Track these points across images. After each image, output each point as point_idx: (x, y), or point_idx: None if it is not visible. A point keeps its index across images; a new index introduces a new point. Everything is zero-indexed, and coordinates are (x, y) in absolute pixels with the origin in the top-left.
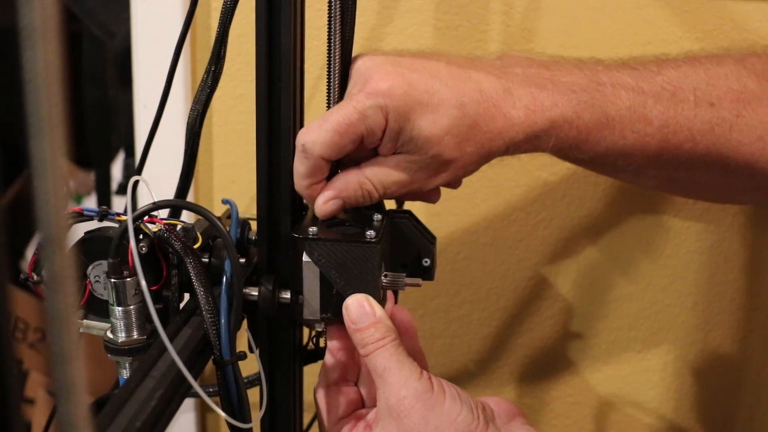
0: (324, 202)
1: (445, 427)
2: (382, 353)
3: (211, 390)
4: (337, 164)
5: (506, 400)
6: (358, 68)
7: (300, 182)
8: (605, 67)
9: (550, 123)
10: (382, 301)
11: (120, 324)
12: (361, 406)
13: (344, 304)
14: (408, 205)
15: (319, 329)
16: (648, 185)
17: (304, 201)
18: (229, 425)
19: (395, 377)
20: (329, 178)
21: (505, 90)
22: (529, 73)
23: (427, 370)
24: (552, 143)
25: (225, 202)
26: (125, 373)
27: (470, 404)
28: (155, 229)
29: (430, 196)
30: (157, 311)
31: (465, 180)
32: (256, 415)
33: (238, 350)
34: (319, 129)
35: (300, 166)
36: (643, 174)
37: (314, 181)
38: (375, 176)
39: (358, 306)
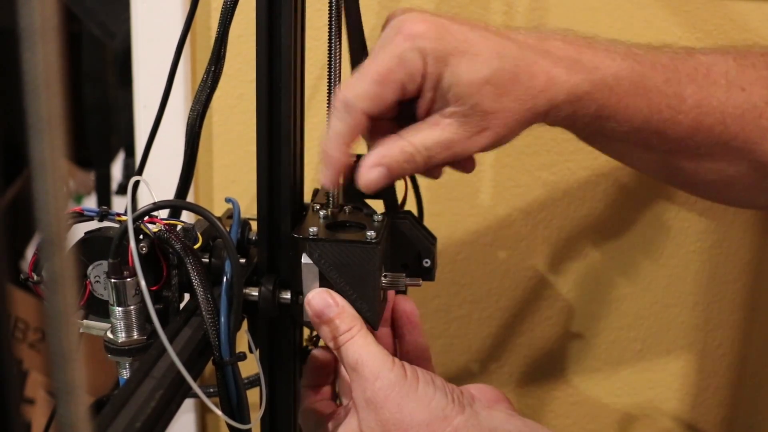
0: (367, 170)
1: (419, 413)
2: (352, 345)
3: (211, 390)
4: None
5: (491, 386)
6: (391, 18)
7: (338, 141)
8: (639, 46)
9: (591, 84)
10: (382, 302)
11: (120, 324)
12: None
13: (306, 299)
14: (407, 205)
15: None
16: (674, 181)
17: (328, 169)
18: (229, 426)
19: (368, 369)
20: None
21: (546, 51)
22: (568, 40)
23: (430, 362)
24: (593, 109)
25: (228, 200)
26: (125, 374)
27: (444, 389)
28: (155, 230)
29: (467, 164)
30: (157, 311)
31: (465, 180)
32: (256, 415)
33: (237, 351)
34: (360, 81)
35: (340, 125)
36: (671, 164)
37: (350, 140)
38: (415, 137)
39: (319, 300)
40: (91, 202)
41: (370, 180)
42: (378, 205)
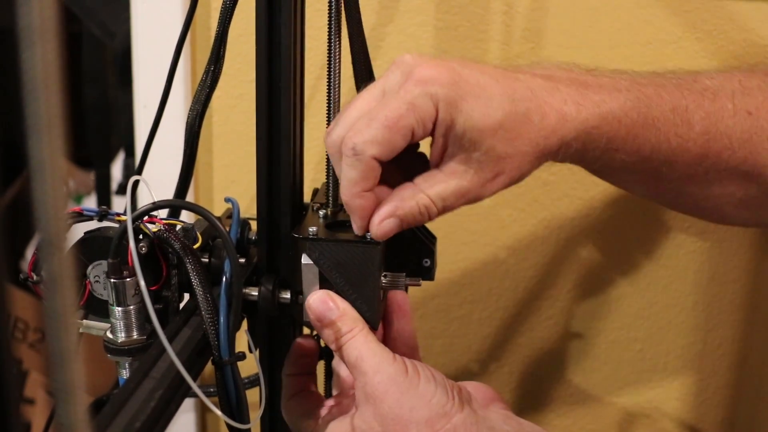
0: (380, 222)
1: (419, 409)
2: (353, 344)
3: (211, 390)
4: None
5: (486, 385)
6: (401, 61)
7: (351, 190)
8: (642, 74)
9: (600, 119)
10: (382, 302)
11: (120, 324)
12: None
13: (306, 303)
14: None
15: None
16: (683, 206)
17: (353, 217)
18: (228, 425)
19: (368, 364)
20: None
21: (554, 88)
22: (573, 75)
23: (417, 350)
24: (603, 143)
25: (227, 200)
26: (125, 374)
27: (445, 386)
28: (155, 229)
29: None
30: (157, 311)
31: None
32: (255, 415)
33: (237, 350)
34: (368, 128)
35: (351, 172)
36: (681, 191)
37: (366, 188)
38: (431, 189)
39: (320, 303)
40: (91, 202)
41: (383, 231)
42: None
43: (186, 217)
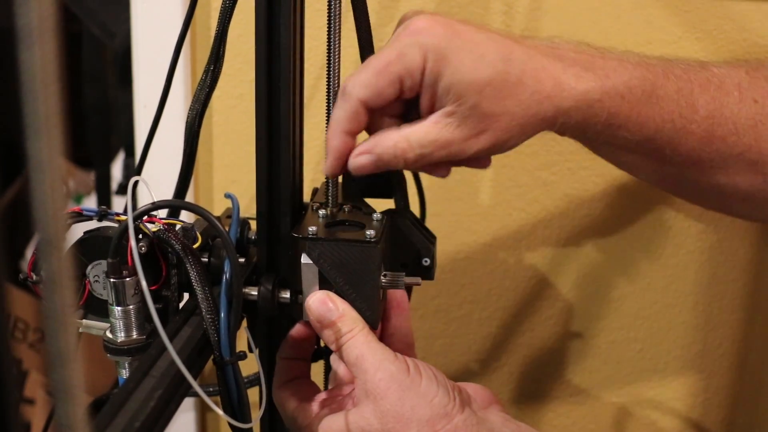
0: (357, 155)
1: (420, 408)
2: (353, 343)
3: (211, 390)
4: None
5: (484, 387)
6: (403, 18)
7: (335, 127)
8: (652, 57)
9: (601, 93)
10: (382, 301)
11: (119, 324)
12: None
13: (306, 304)
14: (410, 205)
15: None
16: (689, 194)
17: (329, 156)
18: (230, 425)
19: (369, 362)
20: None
21: (556, 56)
22: (580, 49)
23: (413, 347)
24: (604, 117)
25: (227, 196)
26: (124, 373)
27: (447, 386)
28: (155, 229)
29: (479, 161)
30: (157, 311)
31: (465, 180)
32: (256, 414)
33: (237, 350)
34: (360, 72)
35: (338, 110)
36: (685, 177)
37: (349, 129)
38: (412, 134)
39: (320, 304)
40: (91, 202)
41: (357, 164)
42: (377, 204)
43: (186, 216)
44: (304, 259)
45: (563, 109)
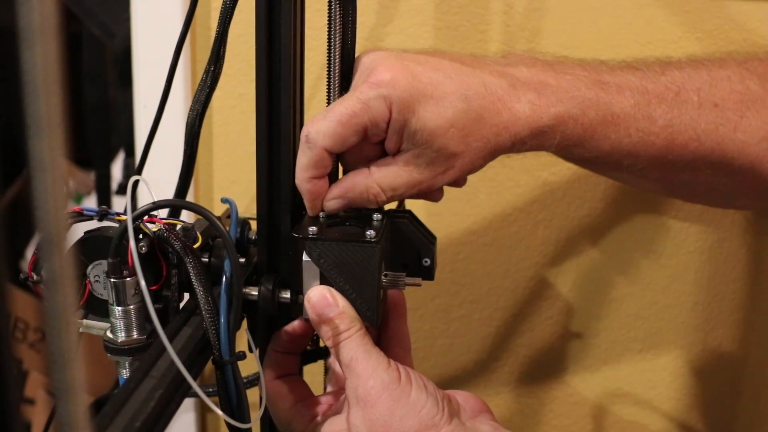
0: (328, 200)
1: (409, 419)
2: (349, 344)
3: (210, 390)
4: (337, 162)
5: (474, 395)
6: (363, 62)
7: (301, 174)
8: (609, 67)
9: (554, 119)
10: (382, 301)
11: (120, 324)
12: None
13: (306, 296)
14: (408, 204)
15: None
16: (651, 188)
17: (304, 198)
18: (228, 425)
19: (362, 367)
20: (331, 179)
21: (510, 85)
22: (533, 71)
23: (410, 352)
24: (557, 140)
25: (224, 201)
26: (125, 373)
27: (436, 396)
28: (155, 229)
29: (435, 195)
30: (157, 311)
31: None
32: (256, 414)
33: (237, 350)
34: (323, 120)
35: (303, 157)
36: (647, 176)
37: (316, 174)
38: (383, 179)
39: (320, 298)
40: (91, 202)
41: (331, 208)
42: None
43: (186, 216)
44: (305, 258)
45: (520, 137)
